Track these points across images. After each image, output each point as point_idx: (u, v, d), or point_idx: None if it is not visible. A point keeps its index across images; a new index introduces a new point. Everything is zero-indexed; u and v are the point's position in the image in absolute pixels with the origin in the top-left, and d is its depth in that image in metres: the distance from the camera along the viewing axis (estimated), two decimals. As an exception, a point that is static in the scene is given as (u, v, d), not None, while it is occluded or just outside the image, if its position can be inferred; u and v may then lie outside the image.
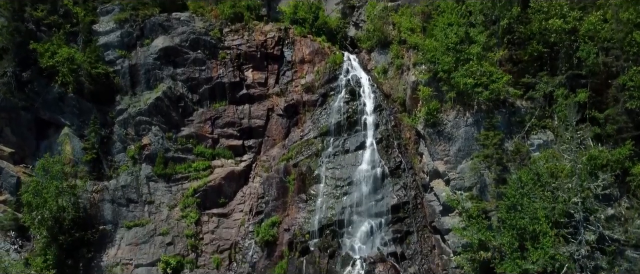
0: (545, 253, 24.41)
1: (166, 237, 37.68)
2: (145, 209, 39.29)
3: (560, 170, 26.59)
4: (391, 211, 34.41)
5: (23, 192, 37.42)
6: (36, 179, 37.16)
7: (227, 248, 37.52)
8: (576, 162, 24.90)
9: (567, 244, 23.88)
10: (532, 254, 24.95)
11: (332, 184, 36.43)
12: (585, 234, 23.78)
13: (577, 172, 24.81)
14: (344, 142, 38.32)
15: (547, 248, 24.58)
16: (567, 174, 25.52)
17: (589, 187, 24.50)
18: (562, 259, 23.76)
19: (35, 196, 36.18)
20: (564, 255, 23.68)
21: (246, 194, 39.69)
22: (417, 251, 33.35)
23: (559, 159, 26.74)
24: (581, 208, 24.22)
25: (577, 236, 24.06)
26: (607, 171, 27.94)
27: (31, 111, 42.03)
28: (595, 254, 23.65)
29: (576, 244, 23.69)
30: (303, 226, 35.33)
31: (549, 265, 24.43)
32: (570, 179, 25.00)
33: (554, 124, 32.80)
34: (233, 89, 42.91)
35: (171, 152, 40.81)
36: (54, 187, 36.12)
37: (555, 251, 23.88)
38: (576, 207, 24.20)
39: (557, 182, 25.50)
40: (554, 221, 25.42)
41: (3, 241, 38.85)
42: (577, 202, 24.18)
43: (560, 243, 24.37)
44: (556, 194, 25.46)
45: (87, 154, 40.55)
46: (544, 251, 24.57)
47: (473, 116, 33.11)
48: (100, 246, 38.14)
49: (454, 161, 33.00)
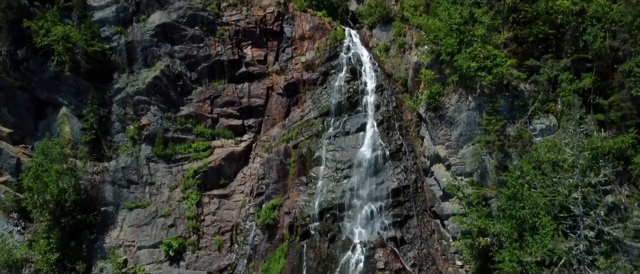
0: (543, 246, 24.79)
1: (168, 219, 38.26)
2: (146, 190, 39.74)
3: (562, 161, 26.61)
4: (391, 195, 34.76)
5: (23, 177, 37.74)
6: (36, 164, 37.36)
7: (228, 230, 38.16)
8: (578, 157, 24.86)
9: (565, 239, 24.18)
10: (531, 247, 25.34)
11: (333, 166, 36.63)
12: (585, 229, 24.00)
13: (578, 166, 24.82)
14: (345, 123, 38.28)
15: (546, 241, 24.94)
16: (568, 168, 25.55)
17: (590, 182, 24.57)
18: (560, 252, 24.13)
19: (35, 180, 36.48)
20: (562, 250, 24.01)
21: (246, 175, 40.01)
22: (416, 235, 33.88)
23: (560, 150, 26.68)
24: (581, 202, 24.39)
25: (576, 230, 24.34)
26: (609, 160, 28.05)
27: (28, 90, 41.91)
28: (594, 248, 23.98)
29: (575, 239, 23.99)
30: (303, 209, 35.79)
31: (547, 258, 24.86)
32: (571, 173, 25.04)
33: (557, 109, 32.65)
34: (232, 67, 42.55)
35: (170, 133, 40.89)
36: (54, 172, 36.32)
37: (554, 246, 24.22)
38: (576, 202, 24.38)
39: (558, 177, 25.56)
40: (553, 215, 25.65)
41: (6, 222, 39.52)
42: (577, 197, 24.32)
43: (559, 237, 24.69)
44: (556, 187, 25.54)
45: (86, 135, 40.68)
46: (543, 244, 24.95)
47: (475, 100, 32.92)
48: (102, 227, 38.83)
49: (455, 146, 33.06)
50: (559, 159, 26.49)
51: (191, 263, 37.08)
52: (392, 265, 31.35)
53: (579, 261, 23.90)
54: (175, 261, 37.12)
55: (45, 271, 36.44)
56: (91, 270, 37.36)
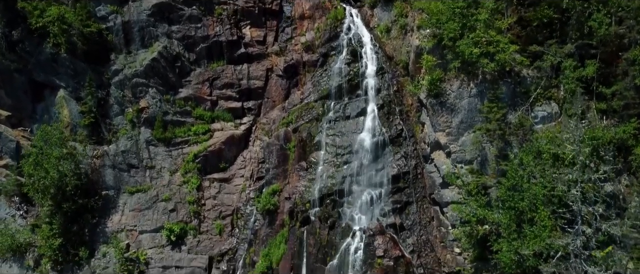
0: (541, 241, 25.20)
1: (169, 203, 38.79)
2: (146, 174, 40.15)
3: (562, 153, 26.71)
4: (391, 181, 35.07)
5: (24, 164, 38.06)
6: (36, 150, 37.60)
7: (229, 214, 38.73)
8: (578, 154, 24.95)
9: (563, 235, 24.55)
10: (529, 241, 25.74)
11: (333, 151, 36.81)
12: (583, 225, 24.34)
13: (578, 163, 24.94)
14: (345, 107, 38.22)
15: (544, 234, 25.32)
16: (568, 163, 25.66)
17: (590, 178, 24.75)
18: (557, 247, 24.54)
19: (35, 167, 36.79)
20: (560, 245, 24.40)
21: (247, 159, 40.30)
22: (415, 222, 34.35)
23: (561, 145, 26.73)
24: (580, 198, 24.63)
25: (574, 225, 24.68)
26: (610, 150, 28.16)
27: (25, 72, 41.89)
28: (590, 243, 24.36)
29: (573, 234, 24.35)
30: (303, 195, 36.19)
31: (544, 251, 25.30)
32: (570, 169, 25.17)
33: (560, 95, 32.50)
34: (231, 47, 42.27)
35: (170, 116, 40.99)
36: (54, 158, 36.58)
37: (552, 241, 24.61)
38: (575, 198, 24.61)
39: (558, 172, 25.71)
40: (551, 210, 25.93)
41: (8, 207, 40.17)
42: (576, 194, 24.54)
43: (557, 232, 25.05)
44: (555, 183, 25.73)
45: (85, 118, 40.85)
46: (541, 238, 25.35)
47: (477, 87, 32.73)
48: (104, 212, 39.45)
49: (455, 133, 33.10)
50: (560, 153, 26.51)
51: (193, 247, 37.82)
52: (391, 252, 31.92)
53: (576, 255, 24.30)
54: (176, 245, 37.88)
55: (49, 255, 37.21)
56: (94, 255, 38.17)
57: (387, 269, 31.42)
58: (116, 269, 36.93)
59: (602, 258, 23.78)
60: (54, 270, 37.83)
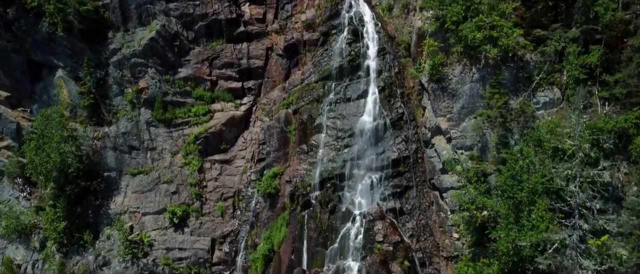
0: (538, 233, 25.76)
1: (170, 185, 39.37)
2: (147, 156, 40.56)
3: (562, 144, 26.92)
4: (391, 165, 35.45)
5: (25, 149, 38.41)
6: (36, 135, 37.92)
7: (230, 196, 39.37)
8: (578, 150, 25.17)
9: (560, 229, 25.05)
10: (527, 233, 26.31)
11: (334, 134, 37.05)
12: (580, 219, 24.82)
13: (578, 158, 25.20)
14: (346, 89, 38.22)
15: (542, 227, 25.87)
16: (567, 158, 25.90)
17: (589, 173, 25.06)
18: (554, 240, 25.10)
19: (37, 151, 37.19)
20: (556, 239, 24.95)
21: (247, 140, 40.63)
22: (415, 206, 34.93)
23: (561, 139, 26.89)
24: (578, 193, 25.01)
25: (571, 219, 25.17)
26: (611, 137, 28.38)
27: (22, 52, 41.84)
28: (586, 237, 24.91)
29: (570, 229, 24.86)
30: (304, 178, 36.68)
31: (541, 244, 25.90)
32: (570, 163, 25.44)
33: (563, 80, 32.44)
34: (230, 25, 41.94)
35: (170, 96, 41.09)
36: (56, 143, 36.91)
37: (549, 236, 25.14)
38: (573, 194, 25.00)
39: (557, 167, 25.98)
40: (549, 205, 26.37)
41: (11, 188, 40.81)
42: (574, 190, 24.90)
43: (555, 226, 25.55)
44: (554, 177, 26.06)
45: (84, 99, 41.02)
46: (538, 231, 25.90)
47: (479, 72, 32.65)
48: (107, 193, 40.11)
49: (456, 119, 33.25)
50: (560, 147, 26.74)
51: (195, 229, 38.65)
52: (390, 238, 32.61)
53: (572, 248, 24.89)
54: (179, 227, 38.70)
55: (54, 238, 38.10)
56: (98, 237, 39.02)
57: (386, 254, 32.18)
58: (121, 251, 37.85)
59: (597, 252, 24.33)
60: (59, 252, 38.84)
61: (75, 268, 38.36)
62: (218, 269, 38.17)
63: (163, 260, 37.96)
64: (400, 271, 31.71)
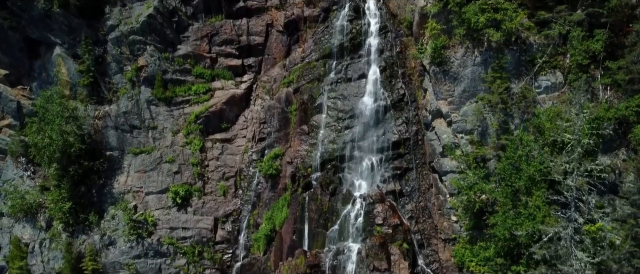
0: (534, 224, 26.50)
1: (173, 165, 39.97)
2: (149, 135, 40.98)
3: (560, 140, 27.27)
4: (392, 147, 35.85)
5: (28, 132, 38.79)
6: (38, 118, 38.23)
7: (232, 176, 40.03)
8: (577, 145, 25.51)
9: (556, 222, 25.72)
10: (523, 222, 27.06)
11: (334, 115, 37.29)
12: (575, 213, 25.45)
13: (576, 153, 25.58)
14: (346, 68, 38.17)
15: (538, 217, 26.59)
16: (566, 152, 26.26)
17: (586, 168, 25.49)
18: (549, 232, 25.83)
19: (39, 133, 37.62)
20: (553, 232, 25.66)
21: (248, 119, 40.92)
22: (415, 188, 35.56)
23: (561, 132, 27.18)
24: (575, 185, 25.55)
25: (567, 211, 25.81)
26: (611, 124, 28.71)
27: (19, 30, 41.74)
28: (582, 229, 25.59)
29: (565, 221, 25.53)
30: (305, 160, 37.20)
31: (536, 235, 26.68)
32: (568, 158, 25.83)
33: (566, 63, 32.43)
34: (229, 0, 41.34)
35: (169, 74, 41.11)
36: (57, 125, 37.28)
37: (545, 228, 25.85)
38: (570, 187, 25.53)
39: (555, 161, 26.39)
40: (546, 197, 26.96)
41: (15, 167, 41.46)
42: (571, 185, 25.40)
43: (551, 218, 26.22)
44: (552, 171, 26.52)
45: (84, 78, 41.13)
46: (534, 221, 26.63)
47: (482, 55, 32.65)
48: (110, 173, 40.79)
49: (457, 102, 33.46)
50: (559, 140, 27.10)
51: (198, 208, 39.52)
52: (390, 220, 33.45)
53: (566, 239, 25.65)
54: (182, 207, 39.56)
55: (59, 217, 39.06)
56: (103, 217, 39.95)
57: (386, 237, 33.11)
58: (126, 231, 38.87)
59: (591, 243, 25.11)
60: (65, 231, 39.89)
61: (82, 247, 39.51)
62: (221, 247, 39.31)
63: (167, 239, 39.06)
64: (399, 253, 32.70)
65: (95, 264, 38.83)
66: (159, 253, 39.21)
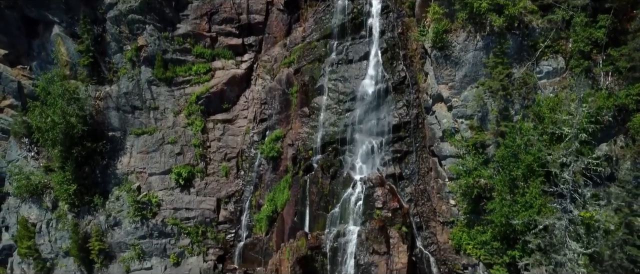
0: (531, 214, 27.29)
1: (175, 146, 40.59)
2: (150, 115, 41.42)
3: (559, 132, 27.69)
4: (392, 130, 36.27)
5: (30, 117, 39.20)
6: (41, 102, 38.59)
7: (234, 157, 40.70)
8: (576, 137, 25.95)
9: (552, 213, 26.47)
10: (520, 211, 27.86)
11: (335, 97, 37.58)
12: (571, 204, 26.16)
13: (574, 146, 26.05)
14: (348, 49, 38.18)
15: (535, 205, 27.36)
16: (564, 146, 26.71)
17: (583, 161, 26.01)
18: (543, 222, 26.65)
19: (41, 116, 38.08)
20: (548, 223, 26.45)
21: (249, 99, 41.26)
22: (414, 171, 36.20)
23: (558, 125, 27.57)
24: (571, 178, 26.15)
25: (562, 203, 26.51)
26: (610, 110, 29.10)
27: (16, 9, 41.69)
28: (576, 220, 26.35)
29: (560, 212, 26.27)
30: (306, 142, 37.74)
31: (532, 224, 27.51)
32: (565, 151, 26.32)
33: (568, 48, 32.48)
34: (228, -23, 41.02)
35: (169, 54, 41.23)
36: (60, 108, 37.69)
37: (541, 218, 26.62)
38: (566, 180, 26.13)
39: (553, 154, 26.88)
40: (542, 190, 27.61)
41: (19, 148, 42.11)
42: (568, 179, 25.99)
43: (546, 209, 26.95)
44: (549, 163, 27.07)
45: (84, 58, 41.31)
46: (530, 212, 27.41)
47: (484, 40, 32.65)
48: (113, 153, 41.51)
49: (458, 87, 33.70)
50: (557, 133, 27.53)
51: (201, 189, 40.39)
52: (389, 204, 34.28)
53: (561, 229, 26.48)
54: (185, 188, 40.46)
55: (64, 199, 40.00)
56: (108, 198, 40.88)
57: (385, 220, 34.02)
58: (130, 212, 39.88)
59: (584, 233, 25.96)
60: (71, 212, 40.92)
61: (88, 227, 40.67)
62: (224, 227, 40.46)
63: (171, 220, 40.13)
64: (398, 236, 33.70)
65: (102, 244, 40.10)
66: (164, 234, 40.41)
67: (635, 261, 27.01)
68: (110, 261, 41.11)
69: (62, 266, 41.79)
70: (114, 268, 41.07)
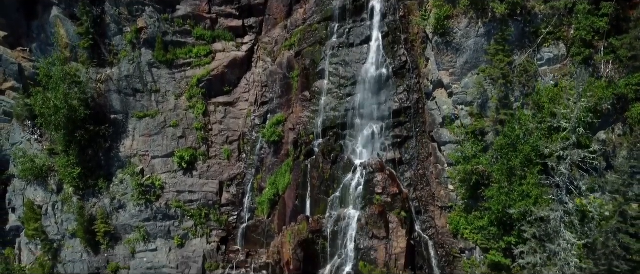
0: (527, 204, 28.06)
1: (177, 129, 41.17)
2: (152, 98, 41.84)
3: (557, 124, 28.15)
4: (392, 115, 36.70)
5: (33, 102, 39.61)
6: (43, 88, 38.93)
7: (235, 139, 41.32)
8: (573, 131, 26.43)
9: (547, 205, 27.22)
10: (517, 200, 28.63)
11: (336, 82, 37.86)
12: (567, 196, 26.88)
13: (571, 139, 26.55)
14: (349, 32, 38.24)
15: (533, 194, 28.11)
16: (562, 138, 27.21)
17: (579, 154, 26.55)
18: (539, 213, 27.45)
19: (44, 104, 38.53)
20: (544, 215, 27.24)
21: (250, 82, 41.56)
22: (414, 156, 36.83)
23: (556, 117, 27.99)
24: (567, 172, 26.76)
25: (558, 194, 27.23)
26: (609, 99, 29.54)
27: (13, -10, 41.25)
28: (572, 211, 27.09)
29: (556, 203, 27.00)
30: (307, 126, 38.24)
31: (528, 213, 28.30)
32: (563, 144, 26.84)
33: (570, 35, 32.61)
34: (228, -43, 40.77)
35: (169, 36, 41.34)
36: (62, 94, 38.07)
37: (537, 210, 27.39)
38: (562, 173, 26.75)
39: (550, 147, 27.39)
40: (539, 180, 28.28)
41: (22, 131, 42.65)
42: (564, 172, 26.58)
43: (543, 200, 27.69)
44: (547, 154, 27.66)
45: (84, 40, 41.47)
46: (527, 202, 28.17)
47: (485, 26, 32.78)
48: (116, 136, 42.13)
49: (459, 74, 33.98)
50: (555, 125, 27.99)
51: (203, 172, 41.18)
52: (389, 189, 35.04)
53: (556, 220, 27.28)
54: (188, 171, 41.25)
55: (69, 182, 40.85)
56: (112, 181, 41.70)
57: (384, 205, 34.87)
58: (135, 196, 40.78)
59: (579, 224, 26.81)
60: (76, 195, 41.84)
61: (93, 210, 41.66)
62: (227, 210, 41.43)
63: (175, 203, 41.07)
64: (397, 221, 34.62)
65: (107, 226, 41.20)
66: (168, 216, 41.44)
67: (627, 248, 27.93)
68: (116, 242, 42.33)
69: (69, 247, 43.07)
70: (119, 249, 42.34)
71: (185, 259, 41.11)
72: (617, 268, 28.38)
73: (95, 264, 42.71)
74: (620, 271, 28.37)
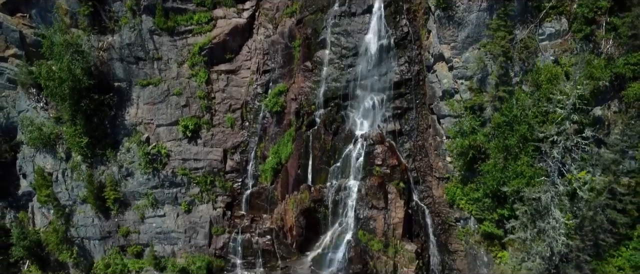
0: (520, 183, 29.54)
1: (181, 98, 42.13)
2: (154, 66, 42.51)
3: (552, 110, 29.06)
4: (393, 87, 37.53)
5: (37, 76, 40.36)
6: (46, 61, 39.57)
7: (238, 108, 42.35)
8: (567, 118, 27.40)
9: (540, 185, 28.69)
10: (510, 182, 30.11)
11: (338, 52, 38.41)
12: (558, 178, 28.28)
13: (566, 125, 27.59)
14: (351, 1, 38.29)
15: (526, 174, 29.56)
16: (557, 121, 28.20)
17: (573, 140, 27.68)
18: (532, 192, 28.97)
19: (48, 76, 39.35)
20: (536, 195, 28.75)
21: (252, 50, 42.06)
22: (414, 127, 37.97)
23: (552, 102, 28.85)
24: (560, 157, 28.00)
25: (550, 175, 28.62)
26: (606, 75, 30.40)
27: (10, -46, 40.97)
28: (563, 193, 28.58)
29: (549, 184, 28.45)
30: (309, 96, 39.17)
31: (521, 191, 29.86)
32: (557, 128, 27.89)
33: (573, 9, 32.91)
34: None
35: (170, 2, 41.64)
36: (65, 65, 38.79)
37: (529, 191, 28.87)
38: (555, 158, 27.99)
39: (544, 131, 28.45)
40: (532, 162, 29.57)
41: (27, 99, 43.67)
42: (557, 157, 27.80)
43: (536, 181, 29.11)
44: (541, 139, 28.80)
45: (84, 7, 41.59)
46: (520, 180, 29.64)
47: (488, 0, 32.99)
48: (120, 104, 43.18)
49: (460, 48, 34.52)
50: (550, 111, 28.94)
51: (208, 140, 42.53)
52: (388, 161, 36.50)
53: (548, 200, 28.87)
54: (192, 139, 42.61)
55: (77, 150, 42.35)
56: (119, 149, 43.14)
57: (384, 177, 36.46)
58: (142, 164, 42.38)
59: (569, 203, 28.42)
60: (84, 162, 43.44)
61: (102, 177, 43.41)
62: (231, 176, 43.14)
63: (180, 170, 42.73)
64: (396, 192, 36.33)
65: (116, 193, 43.12)
66: (174, 183, 43.25)
67: (614, 222, 29.76)
68: (125, 208, 44.45)
69: (81, 212, 45.28)
70: (129, 215, 44.54)
71: (193, 224, 43.37)
72: (603, 241, 30.33)
73: (107, 228, 45.11)
74: (606, 244, 30.37)
